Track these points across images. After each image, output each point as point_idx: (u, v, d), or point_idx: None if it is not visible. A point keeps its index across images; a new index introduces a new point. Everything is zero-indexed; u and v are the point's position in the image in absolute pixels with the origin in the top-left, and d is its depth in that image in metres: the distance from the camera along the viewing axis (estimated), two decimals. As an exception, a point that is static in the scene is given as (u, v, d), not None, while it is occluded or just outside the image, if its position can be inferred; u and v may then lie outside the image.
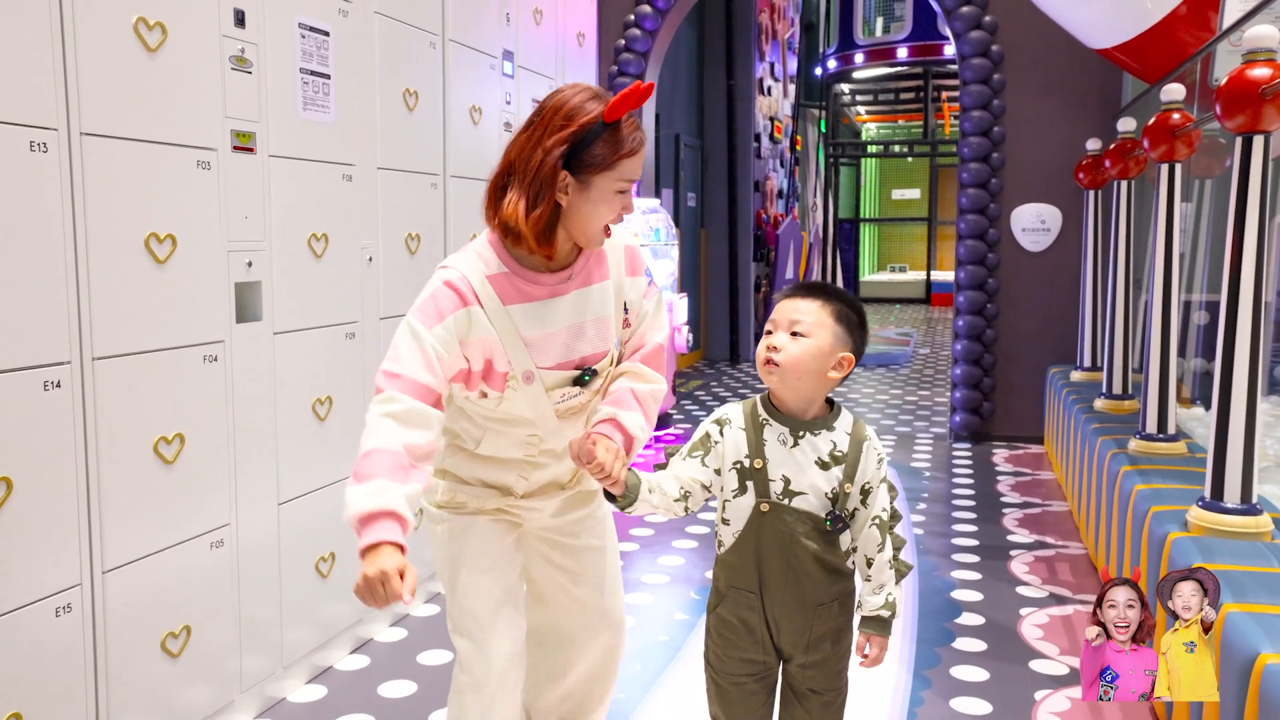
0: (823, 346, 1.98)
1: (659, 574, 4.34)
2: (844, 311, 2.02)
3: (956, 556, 4.57)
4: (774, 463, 2.01)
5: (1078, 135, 6.61)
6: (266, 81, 2.99)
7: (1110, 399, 4.90)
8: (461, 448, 2.22)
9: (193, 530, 2.80)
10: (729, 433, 2.06)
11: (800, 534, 1.99)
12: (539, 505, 2.27)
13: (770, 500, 2.00)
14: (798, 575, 2.00)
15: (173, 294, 2.68)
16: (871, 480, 2.02)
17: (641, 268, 2.24)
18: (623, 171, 2.00)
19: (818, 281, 2.10)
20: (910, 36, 15.93)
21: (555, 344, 2.09)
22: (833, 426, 2.02)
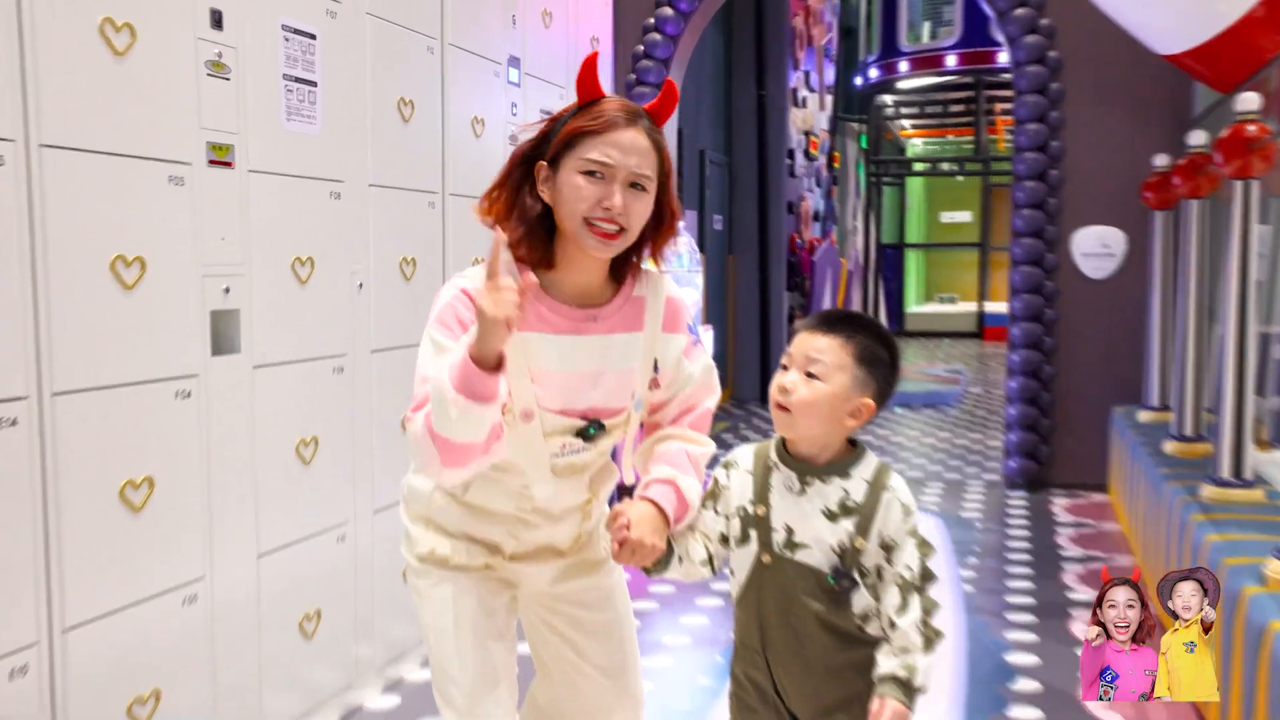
0: (838, 392, 1.96)
1: (681, 635, 4.32)
2: (869, 350, 1.98)
3: (1010, 616, 4.53)
4: (777, 510, 2.00)
5: (1144, 150, 6.57)
6: (246, 89, 3.01)
7: (1180, 441, 4.87)
8: (449, 493, 2.17)
9: (163, 584, 2.79)
10: (735, 476, 2.08)
11: (801, 590, 1.97)
12: (533, 571, 2.22)
13: (772, 551, 2.00)
14: (799, 636, 1.98)
15: (141, 322, 2.69)
16: (894, 535, 1.96)
17: (683, 324, 2.18)
18: (586, 149, 1.95)
19: (844, 312, 2.05)
20: (960, 43, 15.97)
21: (565, 386, 2.04)
22: (848, 473, 1.99)
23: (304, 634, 3.32)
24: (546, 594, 2.27)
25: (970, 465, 7.93)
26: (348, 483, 3.51)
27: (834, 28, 15.15)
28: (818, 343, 1.98)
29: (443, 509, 2.18)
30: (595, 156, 1.94)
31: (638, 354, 2.11)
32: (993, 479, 7.41)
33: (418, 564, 2.20)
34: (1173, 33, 5.66)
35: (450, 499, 2.17)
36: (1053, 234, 6.89)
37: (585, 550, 2.27)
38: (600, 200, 1.95)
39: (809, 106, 13.05)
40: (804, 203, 12.66)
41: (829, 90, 14.80)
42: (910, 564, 1.96)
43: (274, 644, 3.19)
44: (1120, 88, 6.78)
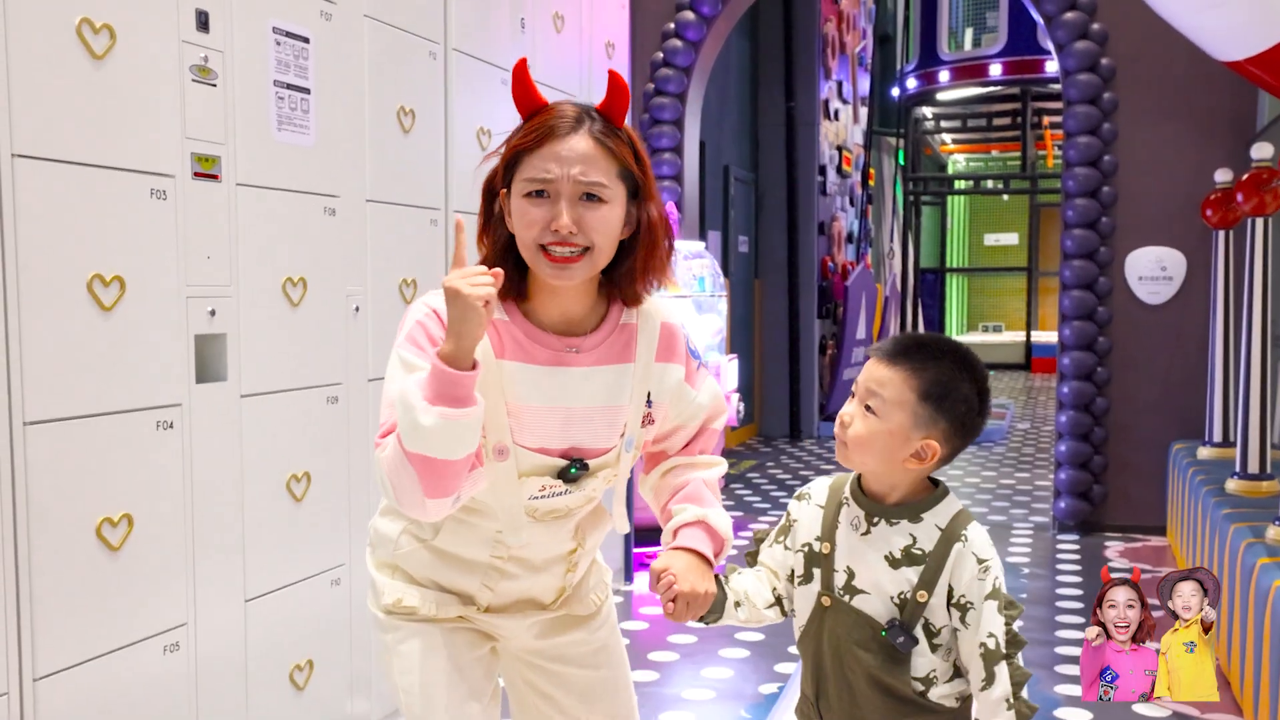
0: (894, 430, 1.90)
1: (704, 689, 4.30)
2: (940, 385, 1.90)
3: (1060, 668, 4.50)
4: (842, 550, 1.98)
5: (1205, 165, 6.57)
6: (234, 96, 3.03)
7: (1245, 479, 4.85)
8: (418, 537, 2.10)
9: (142, 630, 2.78)
10: (806, 509, 2.06)
11: (855, 641, 1.94)
12: (512, 624, 2.16)
13: (832, 594, 1.98)
14: (853, 692, 1.95)
15: (120, 346, 2.69)
16: (969, 594, 1.88)
17: (680, 351, 2.13)
18: (526, 169, 1.89)
19: (921, 337, 1.97)
20: (1005, 51, 16.00)
21: (546, 423, 1.98)
22: (919, 517, 1.93)
23: (295, 686, 3.31)
24: (529, 649, 2.21)
25: (1017, 507, 7.90)
26: (343, 522, 3.50)
27: (869, 34, 15.19)
28: (878, 373, 1.92)
29: (410, 555, 2.11)
30: (532, 175, 1.88)
31: (627, 389, 2.04)
32: (1042, 521, 7.39)
33: (384, 617, 2.13)
34: (1236, 38, 5.64)
35: (419, 543, 2.10)
36: (1105, 256, 6.87)
37: (571, 604, 2.21)
38: (548, 223, 1.87)
39: (842, 119, 13.08)
40: (836, 223, 12.66)
41: (863, 102, 14.82)
42: (994, 630, 1.87)
43: (262, 697, 3.18)
44: (1178, 98, 6.78)
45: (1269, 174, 4.94)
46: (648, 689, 4.26)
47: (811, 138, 11.56)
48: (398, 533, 2.11)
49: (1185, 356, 6.81)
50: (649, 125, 7.41)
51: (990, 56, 16.24)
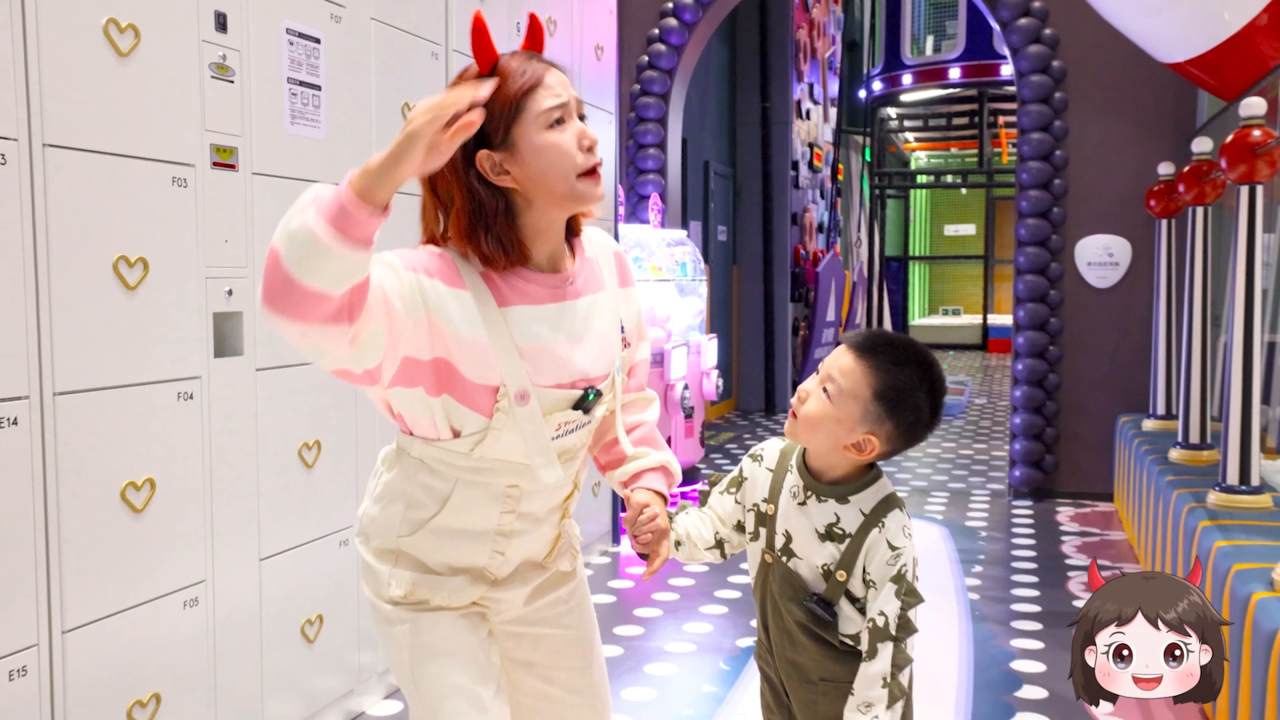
0: (843, 419, 1.86)
1: (685, 642, 4.30)
2: (895, 388, 1.85)
3: (1016, 624, 4.51)
4: (782, 514, 1.97)
5: (1148, 159, 6.58)
6: (250, 92, 3.00)
7: (1187, 449, 4.86)
8: (422, 522, 1.89)
9: (164, 587, 2.77)
10: (758, 470, 2.05)
11: (788, 596, 1.94)
12: (513, 594, 2.00)
13: (773, 552, 1.97)
14: (793, 640, 1.95)
15: (144, 324, 2.68)
16: (874, 575, 1.86)
17: (631, 276, 2.05)
18: (536, 104, 1.77)
19: (894, 339, 1.91)
20: (963, 55, 15.98)
21: (556, 357, 1.85)
22: (846, 499, 1.91)
23: (306, 639, 3.30)
24: (515, 618, 2.04)
25: (975, 475, 7.91)
26: (350, 487, 3.49)
27: (837, 40, 15.15)
28: (844, 362, 1.88)
29: (413, 541, 1.90)
30: (552, 101, 1.78)
31: (609, 313, 1.96)
32: (998, 488, 7.41)
33: (389, 608, 1.91)
34: (1177, 41, 5.65)
35: (419, 526, 1.89)
36: (1057, 243, 6.88)
37: (559, 558, 2.08)
38: (578, 140, 1.80)
39: (813, 119, 13.06)
40: (808, 214, 12.65)
41: (833, 102, 14.81)
42: (886, 610, 1.85)
43: (276, 649, 3.18)
44: (1124, 96, 6.78)
45: (1208, 166, 4.94)
46: (633, 643, 4.27)
47: (785, 135, 11.55)
48: (397, 519, 1.90)
49: (1130, 336, 6.83)
50: (635, 123, 7.39)
51: (950, 61, 16.20)
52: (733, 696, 3.76)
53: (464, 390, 1.79)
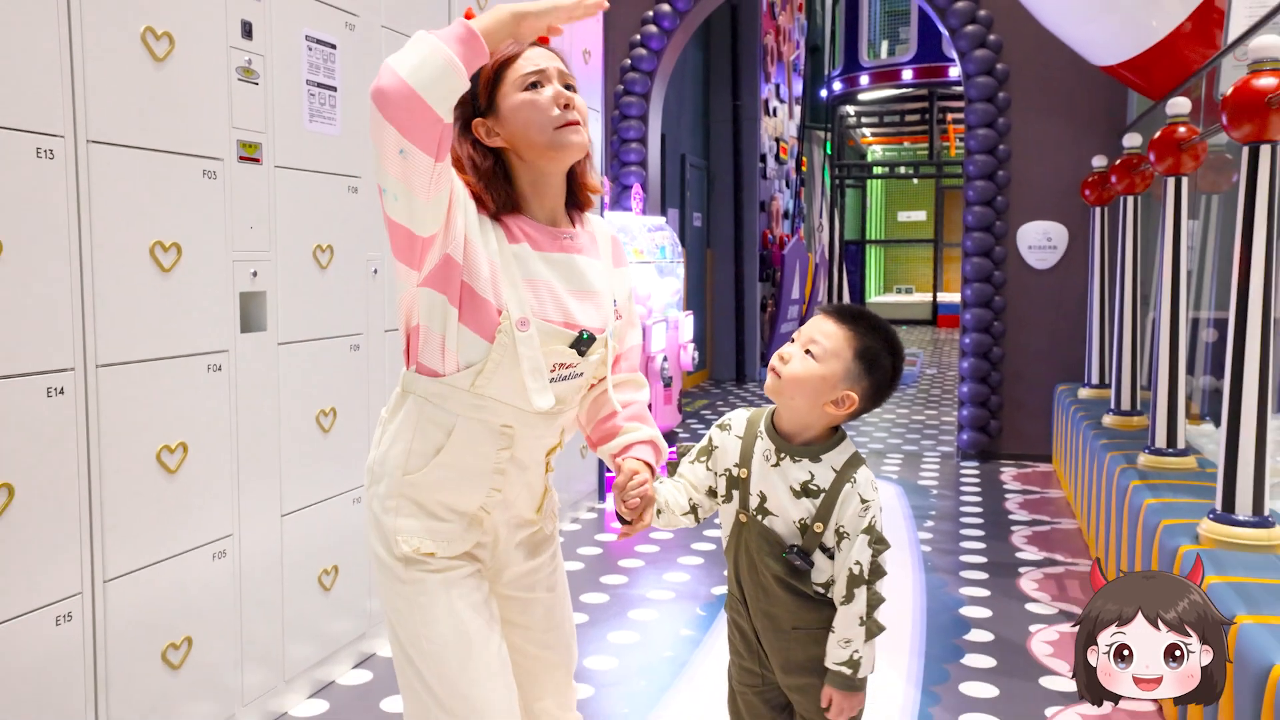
0: (828, 376, 1.90)
1: (664, 590, 4.33)
2: (872, 351, 1.92)
3: (965, 574, 4.54)
4: (756, 476, 1.97)
5: (1083, 153, 6.61)
6: (273, 93, 3.00)
7: (1119, 415, 4.89)
8: (427, 456, 1.86)
9: (194, 541, 2.78)
10: (727, 439, 2.05)
11: (765, 552, 1.95)
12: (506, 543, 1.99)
13: (748, 512, 1.98)
14: (768, 593, 1.96)
15: (177, 302, 2.68)
16: (848, 527, 1.89)
17: (625, 260, 2.07)
18: (514, 74, 1.83)
19: (865, 311, 1.97)
20: (915, 59, 15.97)
21: (554, 296, 1.86)
22: (819, 458, 1.93)
23: (322, 587, 3.31)
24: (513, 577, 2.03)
25: (926, 439, 7.95)
26: (362, 450, 3.49)
27: (801, 45, 15.12)
28: (825, 326, 1.93)
29: (419, 477, 1.86)
30: (527, 69, 1.83)
31: (605, 281, 1.96)
32: (947, 450, 7.45)
33: (398, 564, 1.88)
34: (1109, 46, 5.67)
35: (429, 459, 1.86)
36: (1001, 229, 6.90)
37: (549, 516, 2.06)
38: (554, 100, 1.83)
39: (779, 115, 13.04)
40: (775, 202, 12.65)
41: (797, 101, 14.78)
42: (860, 559, 1.89)
43: (295, 596, 3.19)
44: (1061, 96, 6.80)
45: (1138, 159, 4.96)
46: (618, 591, 4.29)
47: (754, 131, 11.54)
48: (403, 455, 1.86)
49: (1067, 313, 6.86)
50: (619, 120, 7.37)
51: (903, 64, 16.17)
52: (707, 640, 3.78)
53: (474, 308, 1.80)
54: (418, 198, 1.69)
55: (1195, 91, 4.55)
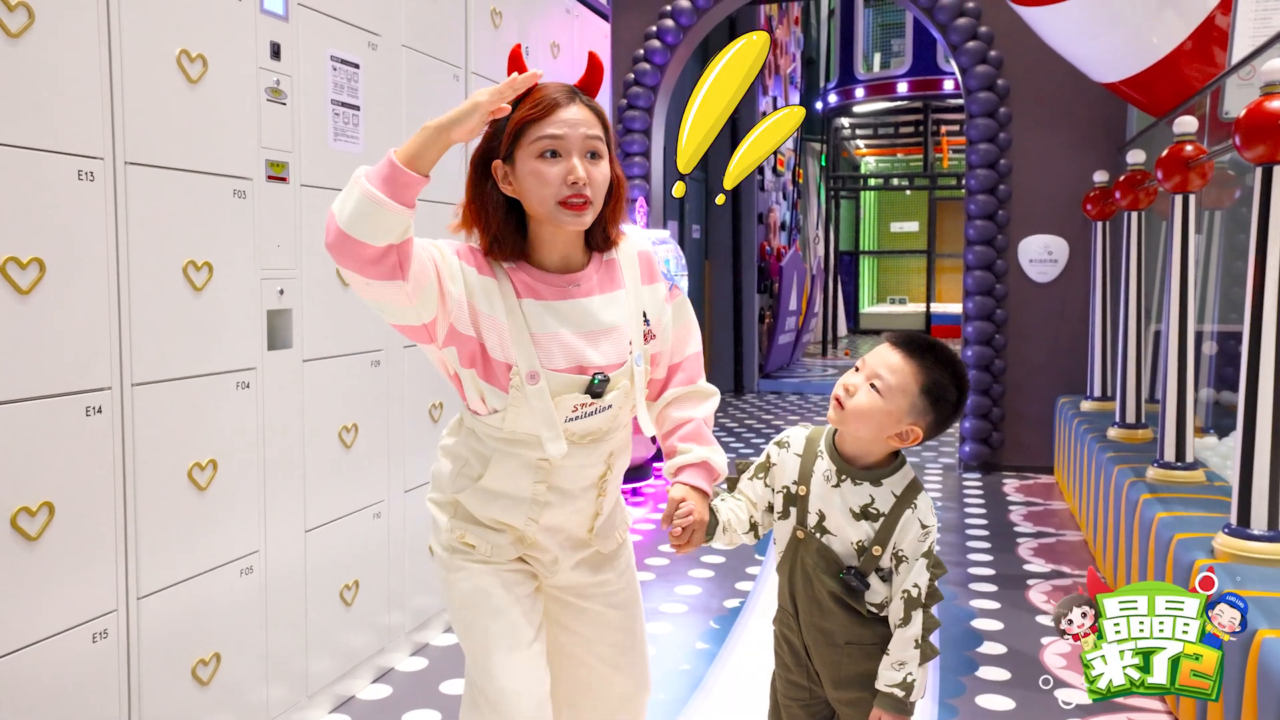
0: (893, 411, 1.90)
1: (677, 603, 4.34)
2: (939, 386, 1.91)
3: (974, 586, 4.57)
4: (815, 495, 1.98)
5: (1084, 168, 6.65)
6: (300, 113, 3.02)
7: (1124, 428, 4.92)
8: (470, 479, 2.01)
9: (224, 557, 2.80)
10: (786, 456, 2.05)
11: (821, 569, 1.96)
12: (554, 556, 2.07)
13: (805, 529, 1.99)
14: (822, 608, 1.98)
15: (209, 321, 2.70)
16: (907, 551, 1.91)
17: (657, 273, 2.07)
18: (535, 134, 1.83)
19: (932, 341, 1.96)
20: (910, 71, 16.01)
21: (565, 345, 1.91)
22: (880, 482, 1.94)
23: (344, 602, 3.33)
24: (567, 584, 2.12)
25: (928, 450, 7.97)
26: (383, 465, 3.52)
27: (797, 58, 15.19)
28: (893, 359, 1.91)
29: (466, 494, 2.01)
30: (548, 133, 1.83)
31: (625, 310, 1.99)
32: (949, 462, 7.47)
33: (445, 554, 2.06)
34: (1110, 64, 5.70)
35: (470, 482, 2.01)
36: (1002, 242, 6.94)
37: (604, 538, 2.11)
38: (565, 177, 1.84)
39: (776, 127, 13.08)
40: (772, 214, 12.69)
41: (794, 113, 14.82)
42: (919, 582, 1.90)
43: (319, 611, 3.20)
44: (1062, 112, 6.84)
45: (1142, 176, 5.00)
46: (633, 603, 4.29)
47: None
48: (451, 473, 2.04)
49: (1068, 325, 6.89)
50: (623, 134, 7.40)
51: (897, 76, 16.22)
52: (723, 652, 3.80)
53: (488, 366, 1.88)
54: (402, 307, 1.79)
55: (1199, 109, 4.59)
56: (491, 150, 1.88)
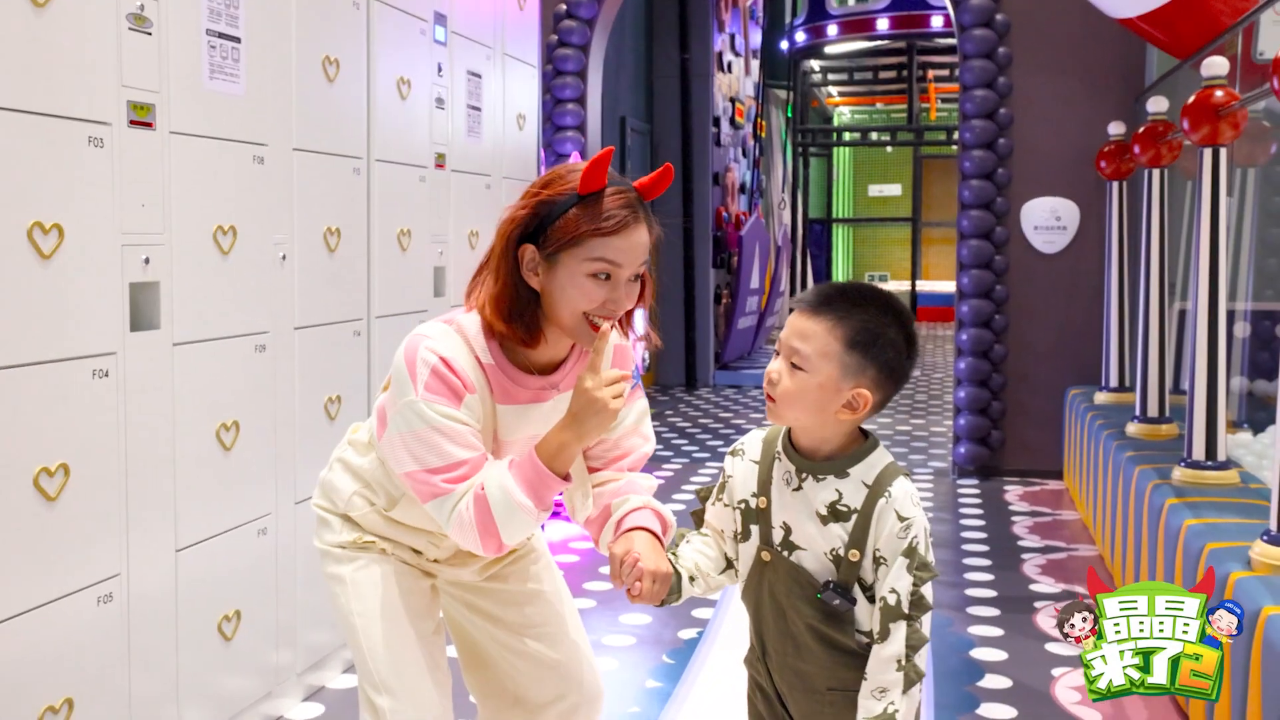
0: (824, 383, 1.87)
1: (623, 635, 4.35)
2: (865, 331, 1.87)
3: (973, 610, 4.63)
4: (777, 505, 1.97)
5: (1097, 118, 6.70)
6: (168, 44, 2.99)
7: (1145, 423, 4.99)
8: (370, 507, 2.26)
9: (78, 581, 2.76)
10: (741, 465, 2.05)
11: (796, 595, 1.93)
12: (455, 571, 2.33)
13: (771, 548, 1.97)
14: (798, 647, 1.95)
15: (59, 295, 2.66)
16: (884, 550, 1.87)
17: (629, 367, 2.22)
18: (593, 250, 1.99)
19: (844, 286, 1.95)
20: (892, 5, 16.11)
21: (518, 449, 2.12)
22: (845, 472, 1.91)
23: (223, 636, 3.30)
24: (470, 583, 2.36)
25: (915, 453, 8.05)
26: (269, 471, 3.50)
27: (759, -13, 15.25)
28: (804, 326, 1.89)
29: (363, 515, 2.27)
30: (609, 256, 2.00)
31: None
32: (941, 466, 7.55)
33: (338, 550, 2.26)
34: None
35: (370, 507, 2.26)
36: (1002, 206, 7.01)
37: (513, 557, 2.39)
38: (606, 302, 2.03)
39: (734, 71, 13.13)
40: (730, 174, 12.74)
41: (755, 55, 14.89)
42: (898, 588, 1.85)
43: (192, 648, 3.17)
44: (1071, 53, 6.91)
45: (1165, 127, 5.07)
46: (570, 635, 4.30)
47: (705, 89, 11.61)
48: (350, 493, 2.27)
49: (1079, 304, 6.98)
50: (552, 77, 7.39)
51: (877, 11, 16.32)
52: (680, 691, 3.82)
53: None
54: None
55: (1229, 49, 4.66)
56: (527, 232, 2.05)
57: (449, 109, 4.70)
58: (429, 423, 1.99)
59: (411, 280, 4.37)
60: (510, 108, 5.41)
